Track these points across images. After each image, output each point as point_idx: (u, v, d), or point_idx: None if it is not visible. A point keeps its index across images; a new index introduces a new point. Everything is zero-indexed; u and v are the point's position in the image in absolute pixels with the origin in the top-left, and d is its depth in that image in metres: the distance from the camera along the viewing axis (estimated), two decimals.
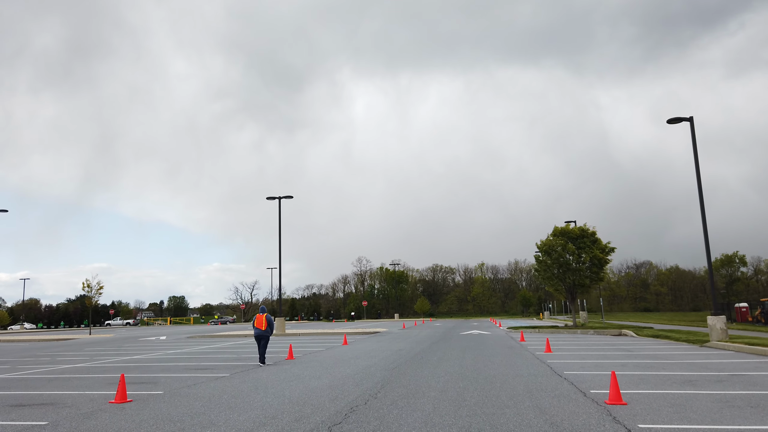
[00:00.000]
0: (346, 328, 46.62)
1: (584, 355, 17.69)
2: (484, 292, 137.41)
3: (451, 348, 21.77)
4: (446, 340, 27.27)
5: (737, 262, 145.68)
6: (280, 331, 34.63)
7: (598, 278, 35.89)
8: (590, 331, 31.82)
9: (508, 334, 31.21)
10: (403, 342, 25.91)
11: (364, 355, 19.15)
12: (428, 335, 31.63)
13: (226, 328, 53.23)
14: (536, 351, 19.41)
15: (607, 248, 35.79)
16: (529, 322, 54.31)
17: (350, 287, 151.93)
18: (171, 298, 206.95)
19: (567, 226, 36.35)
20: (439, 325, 53.12)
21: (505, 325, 47.90)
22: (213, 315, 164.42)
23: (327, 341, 27.67)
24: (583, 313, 48.24)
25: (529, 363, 15.27)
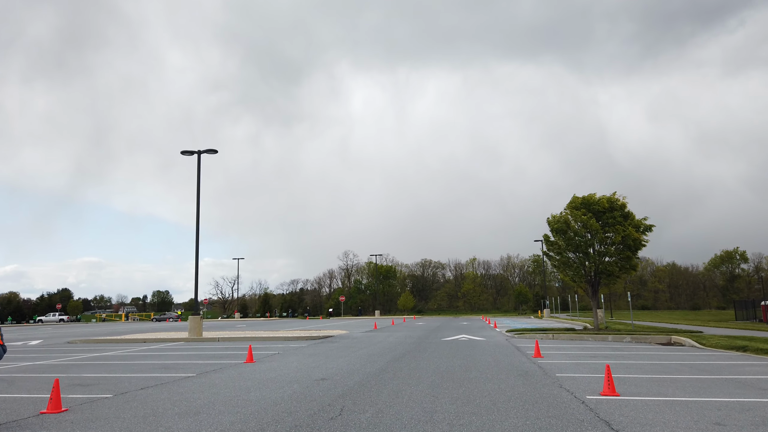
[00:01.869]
0: (299, 328, 36.88)
1: (699, 407, 7.92)
2: (476, 288, 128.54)
3: (417, 376, 11.99)
4: (419, 352, 17.52)
5: (738, 258, 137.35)
6: (194, 335, 24.81)
7: (629, 266, 26.20)
8: (626, 337, 22.15)
9: (510, 341, 21.50)
10: (347, 357, 16.13)
11: (230, 401, 9.39)
12: (397, 342, 21.85)
13: (142, 328, 43.26)
14: (583, 390, 9.68)
15: (643, 225, 26.10)
16: (529, 323, 44.56)
17: (337, 282, 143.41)
18: (155, 292, 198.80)
19: (590, 196, 26.62)
20: (421, 324, 43.32)
21: (501, 325, 38.18)
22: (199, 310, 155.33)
23: (229, 355, 17.97)
24: (600, 311, 38.51)
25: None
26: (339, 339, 23.71)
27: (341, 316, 79.31)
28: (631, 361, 14.42)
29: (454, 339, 23.14)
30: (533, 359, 14.81)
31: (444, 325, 39.01)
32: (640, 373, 11.98)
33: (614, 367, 12.93)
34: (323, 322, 56.02)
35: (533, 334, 23.95)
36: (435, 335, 26.11)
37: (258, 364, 14.34)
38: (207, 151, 26.52)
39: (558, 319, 52.51)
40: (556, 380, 10.85)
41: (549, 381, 10.74)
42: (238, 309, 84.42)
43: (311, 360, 15.23)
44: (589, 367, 12.99)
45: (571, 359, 14.82)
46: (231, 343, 22.21)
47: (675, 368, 12.79)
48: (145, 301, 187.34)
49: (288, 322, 59.02)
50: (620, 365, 13.34)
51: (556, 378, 11.18)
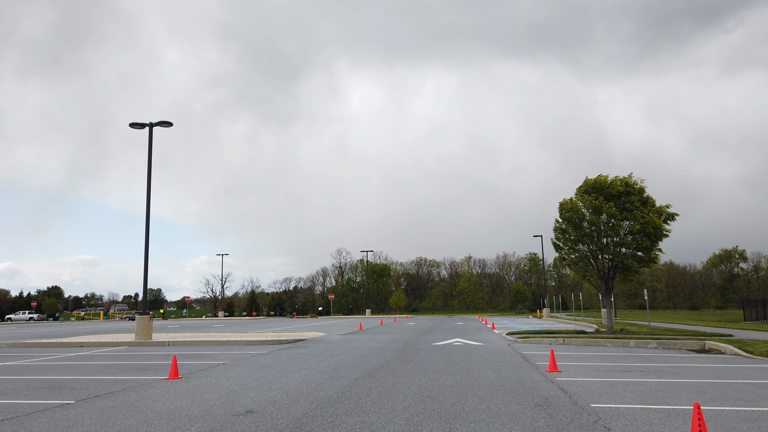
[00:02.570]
0: (276, 329, 33.30)
1: None
2: (471, 287, 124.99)
3: (390, 406, 8.19)
4: (401, 362, 13.75)
5: (737, 257, 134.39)
6: (141, 338, 20.98)
7: (649, 258, 22.53)
8: (650, 342, 18.43)
9: (513, 347, 17.76)
10: (305, 371, 12.36)
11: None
12: (377, 348, 18.08)
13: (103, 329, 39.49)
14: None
15: (665, 213, 22.43)
16: (530, 323, 40.86)
17: (330, 281, 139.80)
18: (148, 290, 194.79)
19: (602, 178, 22.91)
20: (411, 325, 39.55)
21: (499, 326, 34.45)
22: (194, 308, 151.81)
23: (156, 366, 14.29)
24: (605, 311, 34.88)
25: None
26: (310, 344, 19.92)
27: (331, 315, 75.52)
28: (682, 378, 10.69)
29: (447, 344, 19.39)
30: (549, 375, 11.07)
31: (436, 326, 35.27)
32: (722, 402, 8.24)
33: (670, 391, 9.19)
34: (309, 321, 52.25)
35: (540, 337, 20.20)
36: (424, 339, 22.35)
37: (178, 383, 10.53)
38: (160, 123, 22.68)
39: (559, 319, 48.87)
40: (596, 417, 7.11)
41: (587, 419, 7.00)
42: (224, 307, 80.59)
43: (256, 376, 11.45)
44: (632, 390, 9.25)
45: (599, 375, 11.09)
46: (179, 349, 18.40)
47: (761, 394, 9.06)
48: (136, 299, 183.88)
49: (272, 321, 55.18)
50: (676, 388, 9.60)
51: (594, 412, 7.44)
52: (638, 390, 9.25)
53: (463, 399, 8.50)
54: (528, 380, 10.42)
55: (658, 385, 9.85)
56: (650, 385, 9.84)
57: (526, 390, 9.30)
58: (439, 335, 24.50)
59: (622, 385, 9.85)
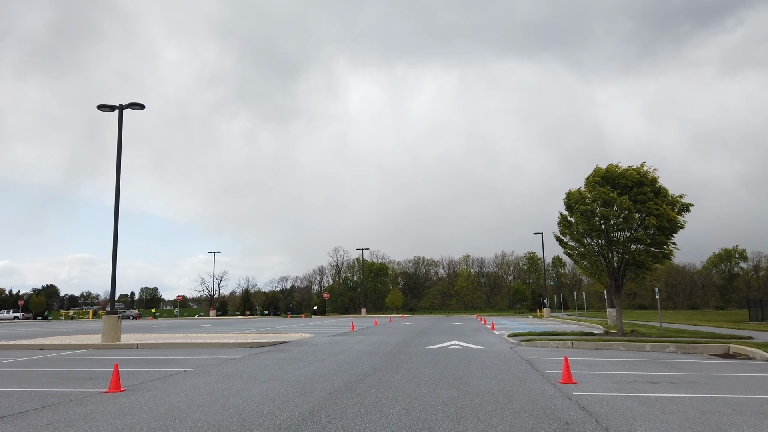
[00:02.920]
0: (263, 330, 31.45)
1: None
2: (469, 286, 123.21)
3: None
4: (389, 371, 11.85)
5: (737, 257, 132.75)
6: (108, 340, 19.04)
7: (663, 254, 20.67)
8: (668, 346, 16.55)
9: (517, 352, 15.88)
10: (275, 382, 10.47)
11: None
12: (366, 352, 16.18)
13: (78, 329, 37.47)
14: None
15: (680, 203, 20.55)
16: (530, 323, 39.00)
17: (327, 280, 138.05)
18: (143, 289, 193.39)
19: (614, 167, 21.01)
20: (407, 325, 37.66)
21: (498, 326, 32.60)
22: (189, 307, 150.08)
23: (102, 376, 12.41)
24: (612, 311, 33.03)
25: None
26: (293, 346, 18.01)
27: (326, 315, 73.63)
28: (723, 393, 8.80)
29: (443, 347, 17.51)
30: (563, 388, 9.20)
31: (433, 326, 33.38)
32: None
33: (720, 412, 7.31)
34: (302, 321, 50.36)
35: (545, 340, 18.31)
36: (419, 341, 20.45)
37: (114, 399, 8.62)
38: (131, 105, 20.76)
39: (560, 319, 47.00)
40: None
41: None
42: (216, 307, 78.70)
43: (214, 388, 9.55)
44: (673, 411, 7.36)
45: (623, 388, 9.21)
46: (146, 353, 16.48)
47: None
48: (133, 298, 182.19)
49: (264, 321, 53.27)
50: (724, 407, 7.71)
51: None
52: (681, 411, 7.36)
53: (461, 424, 6.62)
54: (540, 396, 8.53)
55: (700, 402, 7.97)
56: (690, 402, 7.96)
57: (540, 410, 7.41)
58: (435, 337, 22.61)
59: (657, 402, 7.96)
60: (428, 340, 20.49)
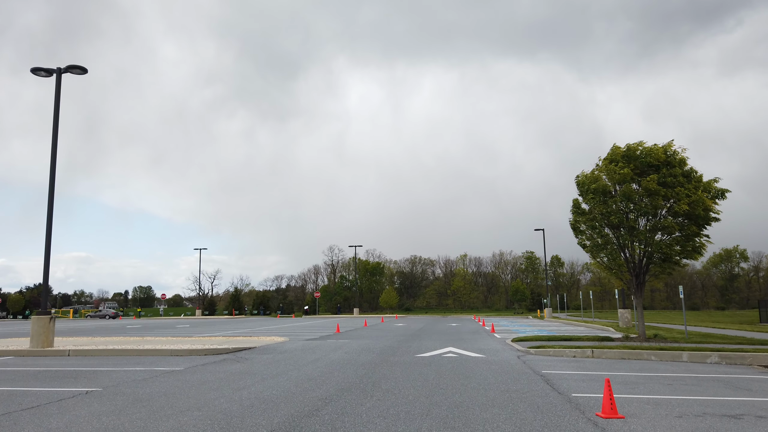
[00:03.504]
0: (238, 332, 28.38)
1: None
2: (466, 285, 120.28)
3: None
4: (362, 393, 8.72)
5: (738, 257, 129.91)
6: (37, 345, 15.87)
7: (694, 248, 17.60)
8: (710, 355, 13.47)
9: (527, 363, 12.77)
10: (189, 416, 7.31)
11: None
12: (341, 363, 13.04)
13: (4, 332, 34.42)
14: None
15: (714, 189, 17.48)
16: (532, 325, 35.93)
17: (323, 279, 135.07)
18: (137, 288, 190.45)
19: (637, 145, 17.93)
20: (400, 326, 34.54)
21: (498, 328, 29.55)
22: (185, 306, 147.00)
23: None
24: (624, 311, 29.98)
25: None
26: (255, 355, 14.87)
27: (317, 315, 70.49)
28: None
29: (436, 356, 14.40)
30: (608, 427, 6.11)
31: (427, 328, 30.28)
32: None
33: None
34: (290, 321, 47.23)
35: (559, 347, 15.17)
36: (408, 347, 17.33)
37: None
38: (70, 68, 17.60)
39: (563, 320, 43.93)
40: None
41: None
42: (205, 306, 75.48)
43: (96, 426, 6.43)
44: None
45: (698, 430, 6.13)
46: (71, 362, 13.35)
47: None
48: (126, 297, 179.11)
49: (250, 321, 50.10)
50: None
51: None
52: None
53: None
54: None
55: None
56: None
57: None
58: (428, 341, 19.50)
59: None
60: (419, 346, 17.38)
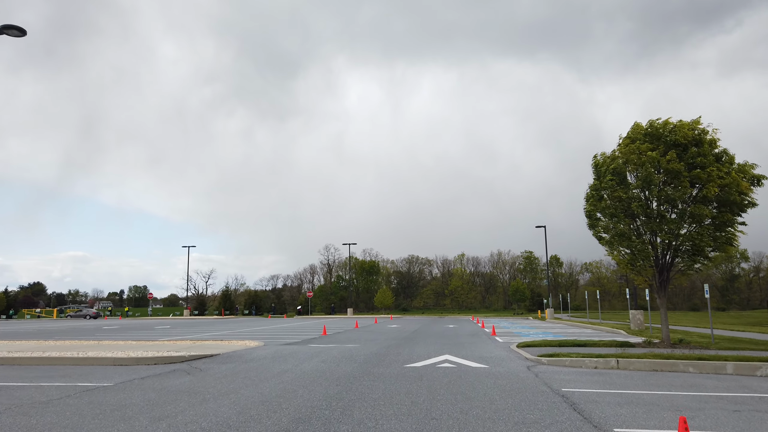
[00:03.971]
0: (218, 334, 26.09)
1: None
2: (464, 285, 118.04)
3: None
4: (321, 427, 6.31)
5: (738, 257, 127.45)
6: None
7: (725, 239, 15.24)
8: (761, 367, 11.10)
9: (543, 378, 10.36)
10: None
11: None
12: (310, 375, 10.61)
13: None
14: None
15: (749, 173, 15.09)
16: (535, 327, 33.55)
17: (319, 278, 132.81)
18: (132, 287, 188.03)
19: (661, 123, 15.54)
20: (393, 327, 32.13)
21: (499, 330, 27.18)
22: (180, 306, 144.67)
23: None
24: (636, 313, 27.59)
25: None
26: (213, 365, 12.44)
27: (310, 315, 68.07)
28: None
29: (430, 366, 11.98)
30: None
31: (423, 330, 27.87)
32: None
33: None
34: (280, 322, 44.79)
35: (575, 356, 12.71)
36: (398, 354, 14.91)
37: None
38: (5, 28, 15.10)
39: (566, 321, 41.53)
40: None
41: None
42: (195, 306, 73.02)
43: None
44: None
45: None
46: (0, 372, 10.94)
47: None
48: (122, 297, 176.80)
49: (238, 321, 47.66)
50: None
51: None
52: None
53: None
54: None
55: None
56: None
57: None
58: (421, 347, 17.09)
59: None
60: (411, 353, 14.97)
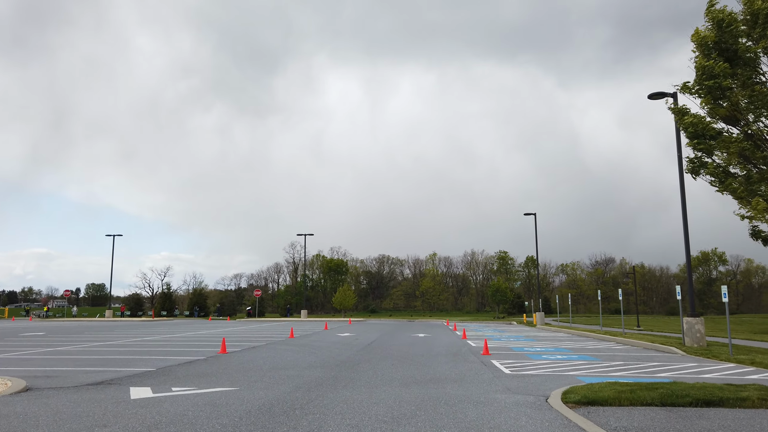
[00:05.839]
0: None
1: None
2: (435, 286, 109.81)
3: None
4: None
5: (716, 260, 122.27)
6: None
7: None
8: None
9: None
10: None
11: None
12: None
13: None
14: None
15: None
16: (529, 336, 24.56)
17: (285, 278, 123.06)
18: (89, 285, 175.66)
19: None
20: (344, 337, 22.80)
21: (492, 344, 18.05)
22: (116, 306, 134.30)
23: None
24: (695, 322, 18.86)
25: None
26: None
27: (259, 318, 58.26)
28: None
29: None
30: None
31: (380, 344, 18.67)
32: None
33: None
34: (217, 326, 35.06)
35: None
36: (323, 394, 5.63)
37: None
38: None
39: (557, 327, 32.72)
40: None
41: None
42: (130, 306, 62.88)
43: None
44: None
45: None
46: None
47: None
48: (78, 295, 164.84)
49: (164, 325, 37.67)
50: None
51: None
52: None
53: None
54: None
55: None
56: None
57: None
58: (360, 392, 7.90)
59: None
60: (340, 400, 5.74)
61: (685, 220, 17.81)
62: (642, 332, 26.22)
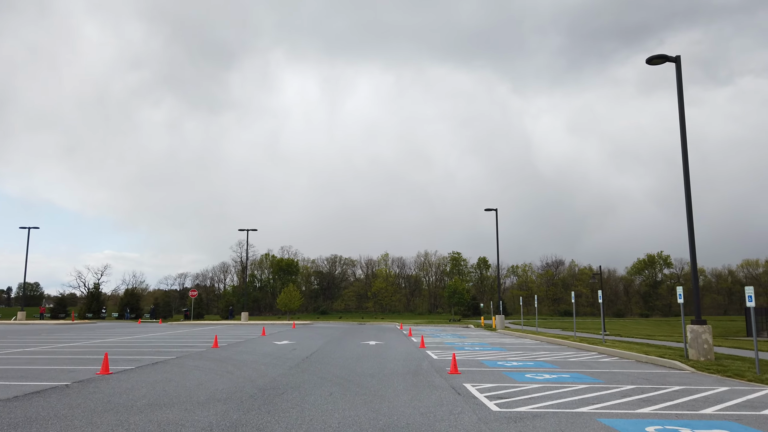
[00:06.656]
0: None
1: None
2: (388, 287, 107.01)
3: None
4: None
5: (661, 263, 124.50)
6: None
7: None
8: None
9: None
10: None
11: None
12: None
13: None
14: None
15: None
16: (501, 345, 21.47)
17: (233, 278, 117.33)
18: (21, 284, 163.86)
19: None
20: (279, 347, 19.05)
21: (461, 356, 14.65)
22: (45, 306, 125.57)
23: None
24: (701, 330, 15.99)
25: None
26: None
27: (200, 320, 53.37)
28: None
29: None
30: None
31: (320, 357, 15.03)
32: None
33: None
34: (144, 330, 30.41)
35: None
36: None
37: None
38: None
39: (527, 333, 29.82)
40: None
41: None
42: (50, 307, 56.91)
43: None
44: None
45: None
46: None
47: None
48: (9, 295, 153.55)
49: (76, 330, 32.65)
50: None
51: None
52: None
53: None
54: None
55: None
56: None
57: None
58: None
59: None
60: None
61: (690, 221, 15.07)
62: (622, 340, 23.55)
